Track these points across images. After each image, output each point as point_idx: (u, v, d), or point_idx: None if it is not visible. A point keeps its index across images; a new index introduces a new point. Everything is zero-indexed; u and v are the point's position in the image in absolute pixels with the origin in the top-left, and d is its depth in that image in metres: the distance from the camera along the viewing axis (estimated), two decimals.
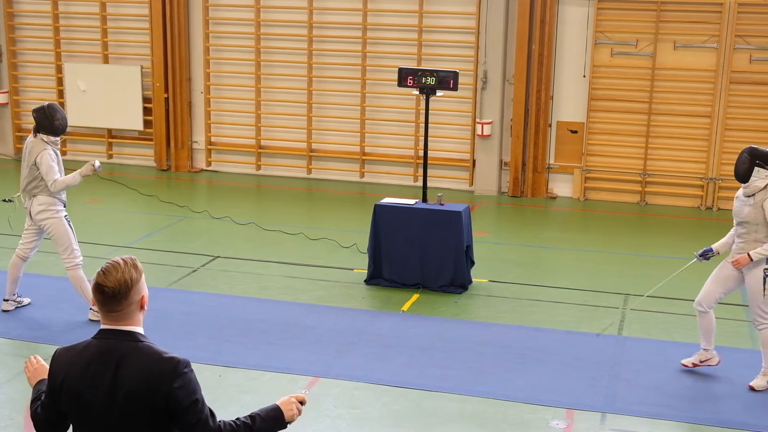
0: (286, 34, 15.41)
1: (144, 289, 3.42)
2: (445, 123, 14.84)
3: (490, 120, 14.55)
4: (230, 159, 16.10)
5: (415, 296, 9.60)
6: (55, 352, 3.49)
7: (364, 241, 10.42)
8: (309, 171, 15.66)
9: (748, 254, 7.15)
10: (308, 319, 8.81)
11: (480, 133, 14.53)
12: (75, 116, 16.25)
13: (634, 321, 9.01)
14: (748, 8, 13.58)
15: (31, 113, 8.56)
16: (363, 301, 9.50)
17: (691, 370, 7.73)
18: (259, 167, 15.91)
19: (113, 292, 3.32)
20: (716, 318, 8.99)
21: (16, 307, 8.80)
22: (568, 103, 14.53)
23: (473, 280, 9.97)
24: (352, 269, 10.45)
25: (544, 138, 14.52)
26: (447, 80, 10.06)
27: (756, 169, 7.09)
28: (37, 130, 8.34)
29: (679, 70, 13.98)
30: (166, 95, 15.75)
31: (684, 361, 7.75)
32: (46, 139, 8.31)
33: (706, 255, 7.66)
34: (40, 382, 3.67)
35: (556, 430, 6.72)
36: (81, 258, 8.52)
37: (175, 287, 9.69)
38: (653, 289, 8.65)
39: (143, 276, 3.41)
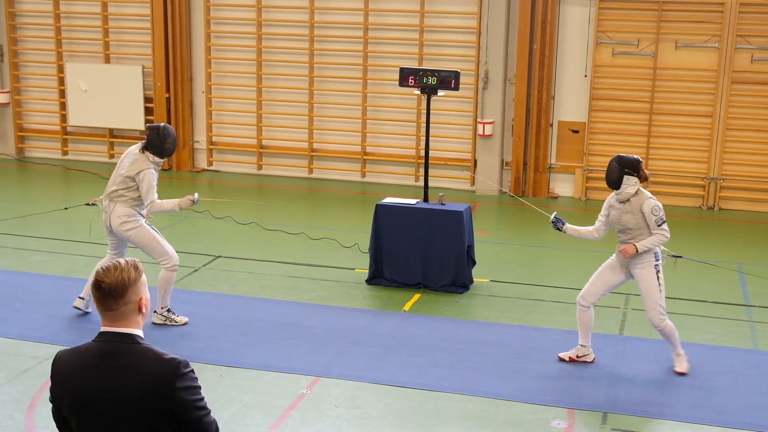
0: (288, 34, 15.42)
1: (143, 291, 3.40)
2: (447, 123, 14.85)
3: (492, 120, 14.56)
4: (232, 159, 16.11)
5: (417, 296, 9.60)
6: (56, 355, 3.49)
7: (365, 240, 10.43)
8: (310, 171, 15.67)
9: (634, 245, 7.41)
10: (309, 319, 8.82)
11: (481, 132, 14.54)
12: (76, 116, 16.29)
13: (635, 321, 9.00)
14: (750, 8, 13.58)
15: (145, 130, 8.53)
16: (364, 300, 9.50)
17: (697, 370, 7.73)
18: (260, 167, 15.92)
19: (110, 289, 3.31)
20: (719, 318, 9.00)
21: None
22: (570, 102, 14.53)
23: (474, 279, 9.97)
24: (354, 269, 10.45)
25: (545, 138, 14.52)
26: (448, 80, 10.06)
27: (626, 177, 7.46)
28: (146, 147, 8.33)
29: (681, 70, 13.98)
30: (167, 95, 15.77)
31: (561, 354, 7.90)
32: (151, 159, 8.30)
33: (557, 223, 7.94)
34: None
35: (557, 430, 6.71)
36: (178, 259, 8.47)
37: (177, 287, 9.65)
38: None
39: (143, 278, 3.40)
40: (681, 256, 8.25)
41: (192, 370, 3.37)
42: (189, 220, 12.46)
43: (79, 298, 8.72)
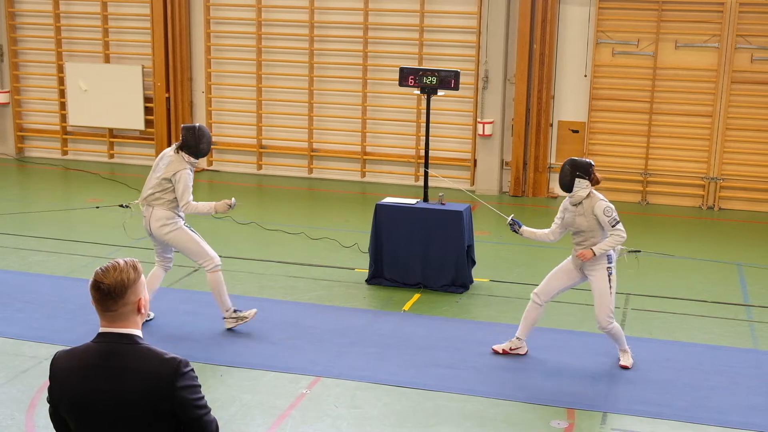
0: (288, 34, 15.42)
1: (142, 291, 3.40)
2: (447, 123, 14.85)
3: (492, 119, 14.56)
4: (232, 159, 16.11)
5: (416, 296, 9.60)
6: (54, 356, 3.47)
7: (365, 240, 10.43)
8: (310, 171, 15.67)
9: (591, 249, 7.47)
10: (309, 319, 8.82)
11: (481, 132, 14.54)
12: (76, 116, 16.30)
13: (635, 320, 9.01)
14: (750, 8, 13.58)
15: (180, 130, 8.49)
16: (364, 300, 9.50)
17: (697, 370, 7.74)
18: (260, 167, 15.92)
19: (109, 290, 3.30)
20: (718, 318, 8.99)
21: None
22: (570, 102, 14.53)
23: (474, 279, 9.97)
24: (354, 269, 10.45)
25: (545, 137, 14.52)
26: (448, 80, 10.06)
27: (577, 180, 7.60)
28: (181, 147, 8.28)
29: (681, 70, 13.98)
30: (167, 95, 15.77)
31: (495, 347, 8.04)
32: (187, 159, 8.26)
33: (513, 225, 8.07)
34: None
35: (556, 430, 6.72)
36: (219, 260, 8.42)
37: (177, 287, 9.69)
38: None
39: (142, 279, 3.40)
40: (639, 251, 8.33)
41: (192, 369, 3.37)
42: (188, 220, 12.44)
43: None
